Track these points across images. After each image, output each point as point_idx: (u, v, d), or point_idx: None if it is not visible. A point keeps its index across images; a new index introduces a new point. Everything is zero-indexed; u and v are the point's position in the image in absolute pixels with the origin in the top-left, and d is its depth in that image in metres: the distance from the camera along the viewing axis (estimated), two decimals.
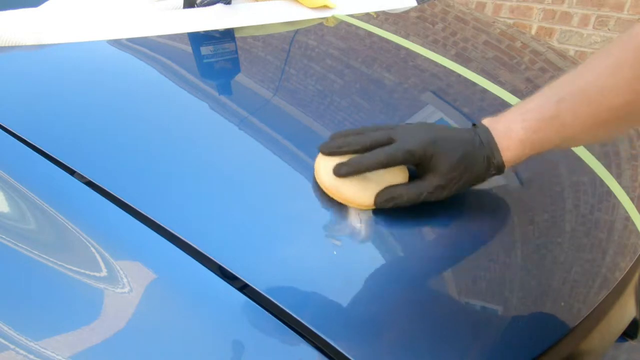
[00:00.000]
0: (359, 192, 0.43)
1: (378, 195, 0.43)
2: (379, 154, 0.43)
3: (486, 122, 0.46)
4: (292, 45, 0.73)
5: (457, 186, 0.44)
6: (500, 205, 0.51)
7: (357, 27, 0.82)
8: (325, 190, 0.43)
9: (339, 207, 0.44)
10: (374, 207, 0.44)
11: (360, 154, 0.44)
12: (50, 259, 0.38)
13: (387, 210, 0.44)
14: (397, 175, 0.46)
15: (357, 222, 0.43)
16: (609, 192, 0.61)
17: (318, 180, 0.44)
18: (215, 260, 0.37)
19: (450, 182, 0.43)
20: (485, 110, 0.65)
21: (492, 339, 0.40)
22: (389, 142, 0.44)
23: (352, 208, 0.44)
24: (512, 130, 0.44)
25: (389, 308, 0.38)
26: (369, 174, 0.44)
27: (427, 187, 0.43)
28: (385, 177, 0.45)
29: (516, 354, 0.40)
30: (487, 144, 0.44)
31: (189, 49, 0.67)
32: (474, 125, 0.46)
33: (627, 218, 0.60)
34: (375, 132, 0.45)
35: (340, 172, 0.43)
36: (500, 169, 0.44)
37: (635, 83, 0.41)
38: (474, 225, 0.48)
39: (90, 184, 0.41)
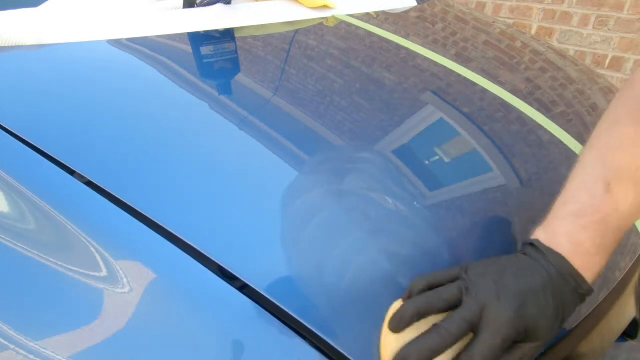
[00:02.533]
0: None
1: None
2: (474, 353, 0.35)
3: (545, 239, 0.40)
4: (292, 45, 0.73)
5: (553, 334, 0.38)
6: (501, 205, 0.51)
7: (357, 27, 0.82)
8: None
9: (340, 207, 0.44)
10: None
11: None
12: (50, 259, 0.38)
13: (388, 211, 0.44)
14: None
15: (358, 224, 0.43)
16: None
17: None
18: (215, 260, 0.37)
19: (547, 340, 0.37)
20: (486, 110, 0.64)
21: None
22: (470, 317, 0.36)
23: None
24: (580, 244, 0.39)
25: (389, 308, 0.38)
26: None
27: (527, 352, 0.37)
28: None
29: None
30: (570, 276, 0.38)
31: (189, 49, 0.67)
32: (531, 245, 0.40)
33: None
34: (453, 320, 0.35)
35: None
36: (590, 292, 0.39)
37: None
38: (475, 225, 0.48)
39: (90, 184, 0.41)
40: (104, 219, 0.40)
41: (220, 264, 0.37)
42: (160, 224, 0.39)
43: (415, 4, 0.99)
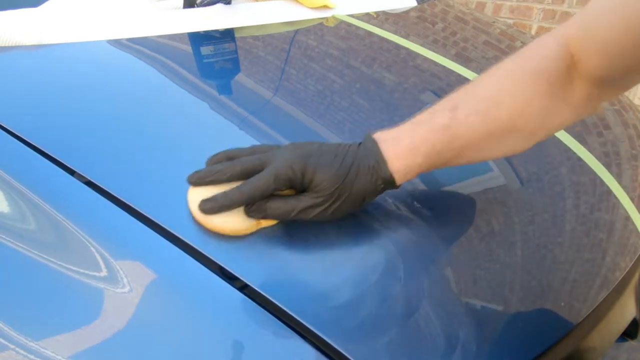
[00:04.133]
0: (231, 218, 0.39)
1: (248, 208, 0.39)
2: (246, 185, 0.39)
3: (375, 134, 0.42)
4: (292, 45, 0.73)
5: (340, 202, 0.39)
6: (501, 205, 0.51)
7: (357, 27, 0.82)
8: (197, 221, 0.39)
9: None
10: (253, 230, 0.40)
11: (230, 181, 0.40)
12: (50, 259, 0.38)
13: (388, 211, 0.44)
14: None
15: (358, 224, 0.43)
16: (609, 192, 0.61)
17: (191, 211, 0.39)
18: (215, 260, 0.37)
19: (330, 198, 0.39)
20: None
21: (492, 339, 0.40)
22: (260, 168, 0.39)
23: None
24: (401, 139, 0.41)
25: (389, 308, 0.38)
26: None
27: (301, 203, 0.39)
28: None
29: (516, 354, 0.40)
30: (371, 153, 0.40)
31: (189, 49, 0.67)
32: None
33: (627, 218, 0.60)
34: (246, 158, 0.40)
35: (205, 208, 0.38)
36: (389, 180, 0.40)
37: (530, 93, 0.40)
38: (475, 225, 0.48)
39: (90, 184, 0.41)
40: (104, 219, 0.40)
41: (220, 264, 0.37)
42: (160, 224, 0.39)
43: (415, 4, 0.99)
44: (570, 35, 0.41)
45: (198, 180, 0.40)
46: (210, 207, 0.38)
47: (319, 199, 0.39)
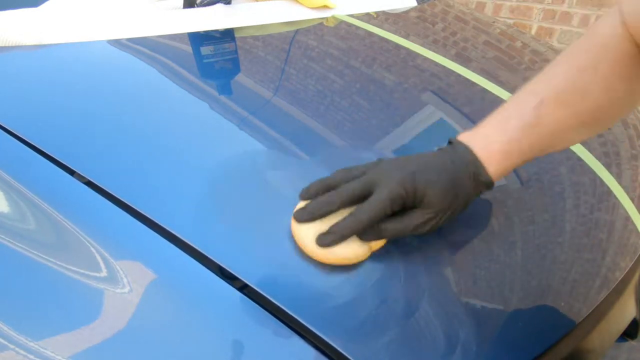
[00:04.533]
0: (348, 248, 0.39)
1: (365, 233, 0.39)
2: (362, 212, 0.39)
3: (464, 137, 0.43)
4: (292, 45, 0.73)
5: (449, 213, 0.40)
6: (501, 205, 0.51)
7: (357, 27, 0.82)
8: (313, 257, 0.39)
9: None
10: (369, 255, 0.40)
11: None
12: (50, 259, 0.38)
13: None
14: None
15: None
16: (609, 192, 0.61)
17: (304, 248, 0.39)
18: (215, 260, 0.37)
19: (440, 212, 0.40)
20: (486, 111, 0.64)
21: (493, 339, 0.40)
22: (367, 192, 0.40)
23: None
24: (493, 142, 0.41)
25: (389, 308, 0.38)
26: None
27: (414, 221, 0.40)
28: None
29: (516, 354, 0.40)
30: (471, 163, 0.41)
31: (189, 49, 0.67)
32: (449, 143, 0.43)
33: (627, 218, 0.60)
34: (349, 185, 0.40)
35: (325, 242, 0.38)
36: (489, 185, 0.42)
37: (603, 82, 0.41)
38: (474, 225, 0.48)
39: (90, 184, 0.41)
40: (104, 219, 0.40)
41: (220, 264, 0.37)
42: (160, 224, 0.39)
43: (415, 4, 0.99)
44: (625, 20, 0.41)
45: (309, 216, 0.39)
46: (332, 239, 0.38)
47: (431, 214, 0.40)
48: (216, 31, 0.72)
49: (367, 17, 0.87)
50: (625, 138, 0.74)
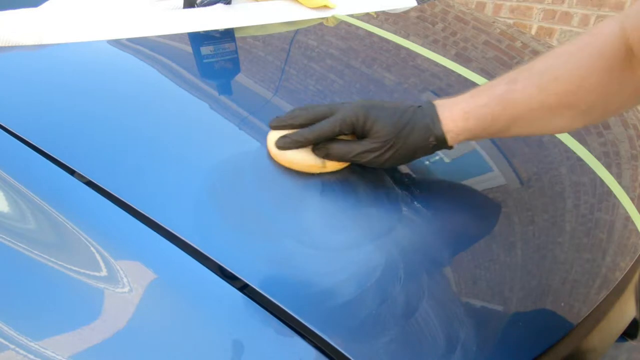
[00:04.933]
0: (302, 155, 0.46)
1: (315, 147, 0.46)
2: (316, 126, 0.45)
3: (435, 100, 0.46)
4: (292, 45, 0.73)
5: (392, 152, 0.44)
6: (501, 205, 0.51)
7: (357, 27, 0.82)
8: (274, 158, 0.46)
9: (340, 209, 0.44)
10: (319, 170, 0.46)
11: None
12: (50, 259, 0.38)
13: (387, 211, 0.44)
14: None
15: (358, 224, 0.43)
16: (609, 192, 0.61)
17: (269, 151, 0.47)
18: (215, 260, 0.37)
19: (384, 145, 0.44)
20: None
21: (492, 339, 0.40)
22: (330, 115, 0.45)
23: (361, 215, 0.44)
24: (458, 103, 0.45)
25: (389, 308, 0.38)
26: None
27: (360, 147, 0.44)
28: None
29: (516, 354, 0.40)
30: (427, 112, 0.44)
31: (189, 49, 0.67)
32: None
33: (627, 218, 0.60)
34: (318, 106, 0.47)
35: (280, 144, 0.45)
36: (441, 138, 0.44)
37: (587, 69, 0.42)
38: (474, 225, 0.48)
39: (90, 184, 0.41)
40: (104, 219, 0.40)
41: (220, 264, 0.37)
42: (160, 224, 0.39)
43: (415, 4, 0.99)
44: (624, 25, 0.42)
45: (277, 123, 0.47)
46: (284, 142, 0.45)
47: (375, 145, 0.44)
48: (216, 31, 0.72)
49: (367, 17, 0.87)
50: (625, 138, 0.74)
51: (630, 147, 0.73)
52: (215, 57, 0.66)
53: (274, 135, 0.47)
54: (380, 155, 0.44)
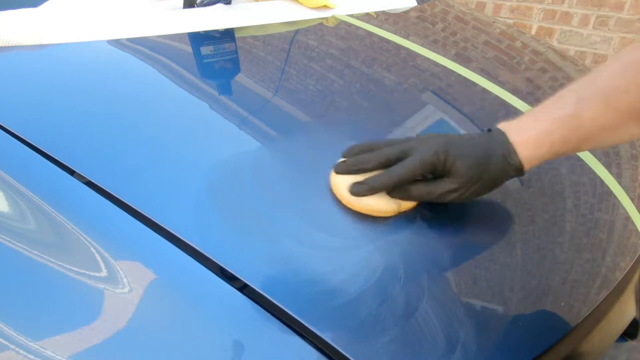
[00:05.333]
0: (379, 201, 0.44)
1: (394, 190, 0.44)
2: (395, 170, 0.43)
3: (501, 125, 0.45)
4: (292, 45, 0.73)
5: (474, 188, 0.43)
6: (501, 205, 0.51)
7: (357, 27, 0.81)
8: (346, 203, 0.44)
9: (338, 207, 0.44)
10: (395, 213, 0.44)
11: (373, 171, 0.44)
12: (50, 259, 0.38)
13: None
14: None
15: (358, 224, 0.43)
16: (609, 192, 0.61)
17: (338, 195, 0.44)
18: (215, 260, 0.37)
19: (466, 184, 0.43)
20: (486, 110, 0.64)
21: (492, 339, 0.40)
22: (403, 156, 0.44)
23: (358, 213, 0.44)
24: (527, 130, 0.44)
25: (389, 308, 0.38)
26: None
27: (441, 188, 0.43)
28: None
29: (516, 354, 0.40)
30: (502, 144, 0.43)
31: (189, 49, 0.67)
32: (488, 130, 0.46)
33: (627, 218, 0.60)
34: (389, 148, 0.44)
35: (355, 191, 0.43)
36: (518, 168, 0.44)
37: None
38: (474, 225, 0.48)
39: (90, 184, 0.41)
40: (104, 219, 0.40)
41: (220, 264, 0.37)
42: (160, 224, 0.39)
43: (415, 4, 0.99)
44: None
45: (346, 168, 0.45)
46: (360, 189, 0.43)
47: (456, 185, 0.43)
48: (216, 31, 0.72)
49: (367, 17, 0.87)
50: None
51: (630, 147, 0.73)
52: (215, 57, 0.66)
53: (340, 180, 0.44)
54: (462, 193, 0.43)
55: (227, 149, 0.49)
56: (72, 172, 0.42)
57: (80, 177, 0.42)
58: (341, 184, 0.44)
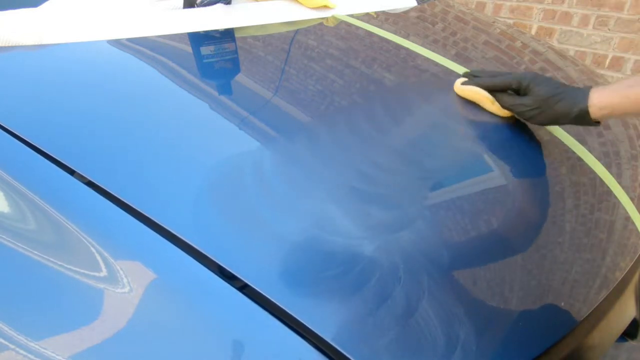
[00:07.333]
0: (484, 95, 0.63)
1: (492, 93, 0.62)
2: (497, 78, 0.62)
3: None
4: (292, 45, 0.73)
5: (541, 111, 0.57)
6: (501, 205, 0.51)
7: (357, 27, 0.81)
8: (459, 92, 0.65)
9: (340, 207, 0.44)
10: (490, 104, 0.63)
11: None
12: (50, 259, 0.38)
13: (388, 210, 0.44)
14: None
15: (358, 224, 0.43)
16: (609, 192, 0.61)
17: (458, 87, 0.65)
18: (215, 260, 0.37)
19: (536, 104, 0.57)
20: (485, 110, 0.64)
21: (492, 338, 0.40)
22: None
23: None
24: (610, 85, 0.54)
25: (389, 308, 0.38)
26: None
27: (519, 101, 0.58)
28: None
29: (516, 353, 0.40)
30: (581, 90, 0.55)
31: (189, 49, 0.67)
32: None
33: (627, 218, 0.60)
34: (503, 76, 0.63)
35: (464, 81, 0.65)
36: (583, 110, 0.54)
37: None
38: (475, 225, 0.48)
39: (90, 184, 0.41)
40: (104, 219, 0.40)
41: (220, 264, 0.37)
42: (160, 224, 0.39)
43: (415, 4, 0.99)
44: None
45: (468, 75, 0.66)
46: (466, 80, 0.65)
47: (530, 102, 0.58)
48: (216, 31, 0.72)
49: (367, 17, 0.87)
50: (625, 138, 0.74)
51: (630, 147, 0.73)
52: (215, 57, 0.66)
53: (459, 81, 0.65)
54: (531, 110, 0.57)
55: (227, 148, 0.49)
56: (72, 172, 0.42)
57: (81, 177, 0.42)
58: (460, 81, 0.66)
